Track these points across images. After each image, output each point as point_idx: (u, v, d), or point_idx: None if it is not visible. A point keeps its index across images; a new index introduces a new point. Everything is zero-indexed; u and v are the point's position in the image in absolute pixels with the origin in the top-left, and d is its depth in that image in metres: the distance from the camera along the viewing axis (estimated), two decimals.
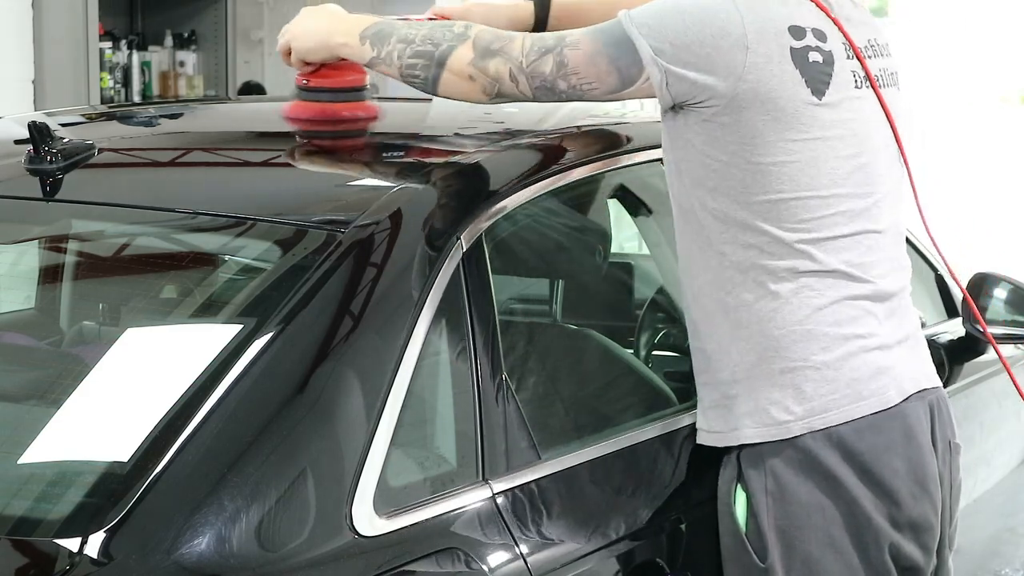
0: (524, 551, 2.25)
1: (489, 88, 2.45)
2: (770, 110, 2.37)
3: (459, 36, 2.46)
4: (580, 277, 2.94)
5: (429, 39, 2.47)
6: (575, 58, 2.40)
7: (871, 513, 2.42)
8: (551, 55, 2.41)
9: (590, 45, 2.40)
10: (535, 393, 2.51)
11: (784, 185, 2.38)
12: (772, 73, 2.37)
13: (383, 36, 2.51)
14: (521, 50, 2.43)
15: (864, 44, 2.50)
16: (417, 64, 2.47)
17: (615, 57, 2.38)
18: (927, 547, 2.50)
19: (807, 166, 2.39)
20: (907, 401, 2.46)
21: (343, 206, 2.44)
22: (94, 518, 1.97)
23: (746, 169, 2.38)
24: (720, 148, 2.39)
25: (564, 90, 2.42)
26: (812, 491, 2.41)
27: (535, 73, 2.42)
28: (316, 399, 2.13)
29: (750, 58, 2.36)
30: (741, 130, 2.37)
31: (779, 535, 2.42)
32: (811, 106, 2.39)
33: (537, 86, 2.43)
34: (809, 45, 2.40)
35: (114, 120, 3.25)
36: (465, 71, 2.45)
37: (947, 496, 2.53)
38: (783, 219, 2.39)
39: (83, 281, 2.60)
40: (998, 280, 3.47)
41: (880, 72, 2.51)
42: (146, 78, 7.21)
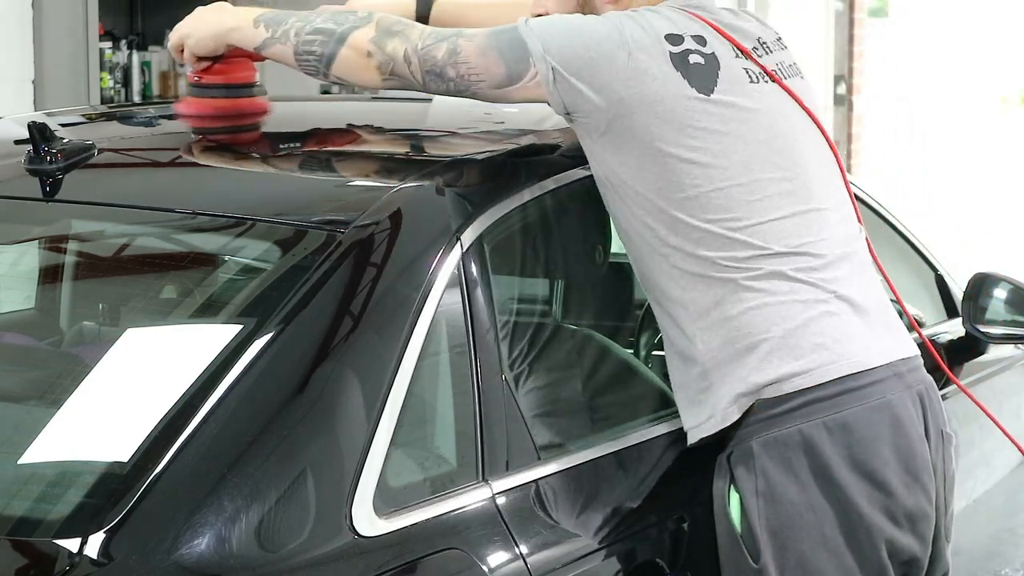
0: (524, 551, 2.25)
1: (384, 66, 2.50)
2: (659, 112, 2.43)
3: (363, 19, 2.53)
4: (580, 277, 2.94)
5: (332, 19, 2.54)
6: (467, 48, 2.47)
7: (864, 509, 2.43)
8: (445, 42, 2.48)
9: (484, 40, 2.48)
10: (535, 393, 2.51)
11: (698, 179, 2.44)
12: (653, 76, 2.44)
13: (279, 19, 2.59)
14: (420, 35, 2.50)
15: (753, 45, 2.57)
16: (315, 40, 2.53)
17: (505, 51, 2.46)
18: (924, 537, 2.50)
19: (716, 158, 2.45)
20: (894, 393, 2.47)
21: (343, 206, 2.44)
22: (94, 518, 1.97)
23: (657, 171, 2.44)
24: (627, 156, 2.45)
25: (452, 78, 2.48)
26: (803, 491, 2.42)
27: (427, 57, 2.48)
28: (316, 399, 2.13)
29: (631, 63, 2.43)
30: (638, 135, 2.44)
31: (771, 536, 2.42)
32: (700, 101, 2.45)
33: (427, 70, 2.49)
34: (688, 49, 2.48)
35: (114, 120, 3.25)
36: (364, 47, 2.50)
37: (941, 486, 2.53)
38: (709, 211, 2.44)
39: (83, 281, 2.60)
40: (998, 280, 3.47)
41: (777, 66, 2.58)
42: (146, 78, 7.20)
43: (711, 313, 2.45)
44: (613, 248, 2.89)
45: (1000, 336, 3.44)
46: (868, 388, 2.45)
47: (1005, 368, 3.72)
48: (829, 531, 2.42)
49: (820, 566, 2.43)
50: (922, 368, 2.56)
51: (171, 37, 2.75)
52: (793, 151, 2.52)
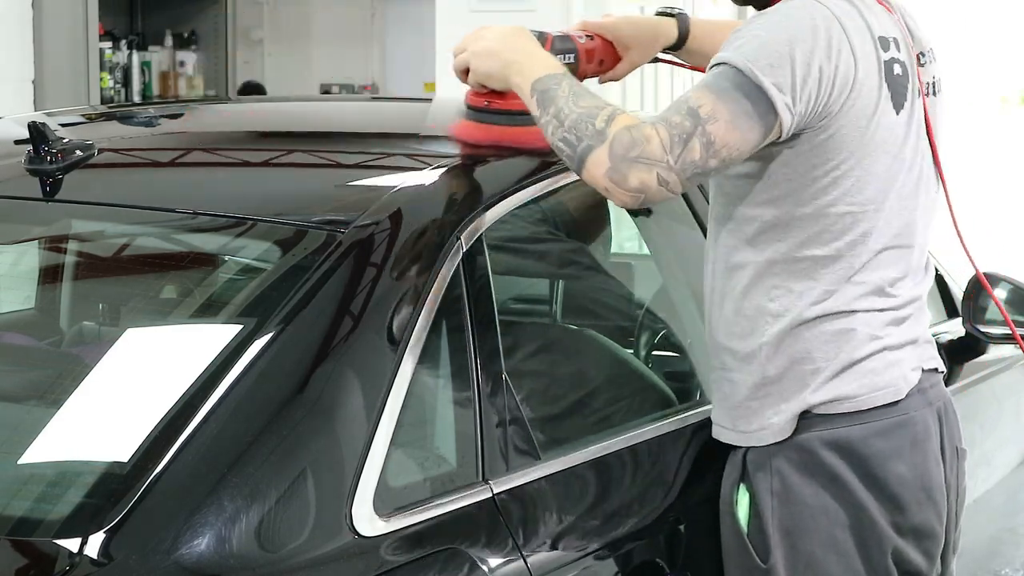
0: (524, 551, 2.25)
1: (632, 201, 2.30)
2: (862, 127, 2.36)
3: (598, 135, 2.29)
4: (580, 277, 2.94)
5: (574, 128, 2.31)
6: (718, 131, 2.27)
7: (875, 517, 2.43)
8: (695, 139, 2.27)
9: (725, 110, 2.28)
10: (535, 393, 2.51)
11: (855, 199, 2.38)
12: (870, 88, 2.36)
13: (546, 102, 2.36)
14: (663, 147, 2.27)
15: (920, 51, 2.50)
16: (564, 151, 2.35)
17: (751, 111, 2.28)
18: (930, 554, 2.50)
19: (881, 182, 2.40)
20: (916, 411, 2.46)
21: (343, 206, 2.44)
22: (94, 518, 1.97)
23: (822, 182, 2.38)
24: (801, 160, 2.37)
25: (715, 167, 2.30)
26: (817, 493, 2.42)
27: (686, 167, 2.27)
28: (316, 399, 2.13)
29: (858, 74, 2.34)
30: (830, 144, 2.36)
31: (783, 536, 2.42)
32: (893, 123, 2.39)
33: (689, 176, 2.29)
34: (894, 57, 2.40)
35: (114, 120, 3.25)
36: (601, 182, 2.30)
37: (953, 502, 2.53)
38: (846, 232, 2.40)
39: (83, 281, 2.60)
40: (998, 280, 3.47)
41: (932, 80, 2.51)
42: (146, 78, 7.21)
43: (790, 331, 2.42)
44: (613, 248, 2.89)
45: (1000, 336, 3.44)
46: (893, 404, 2.45)
47: (1005, 368, 3.72)
48: (840, 535, 2.42)
49: (829, 568, 2.42)
50: (942, 384, 2.56)
51: (454, 54, 2.53)
52: (917, 181, 2.48)
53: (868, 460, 2.42)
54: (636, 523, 2.46)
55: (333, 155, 2.78)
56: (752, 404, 2.46)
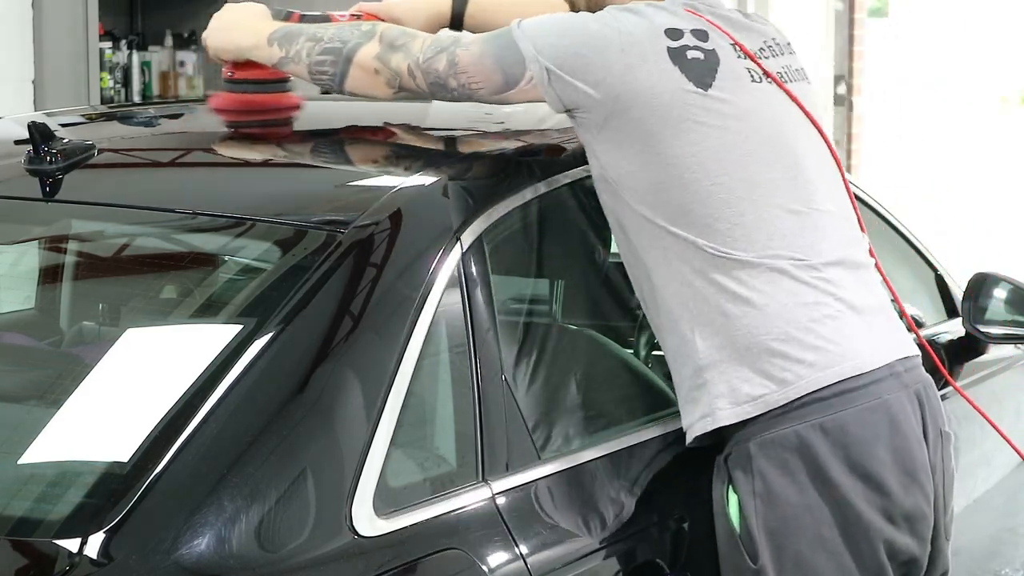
0: (524, 551, 2.25)
1: (392, 81, 2.56)
2: (655, 106, 2.43)
3: (367, 33, 2.57)
4: (580, 277, 2.94)
5: (337, 37, 2.58)
6: (464, 57, 2.51)
7: (861, 510, 2.43)
8: (444, 53, 2.52)
9: (479, 47, 2.51)
10: (535, 393, 2.51)
11: (696, 173, 2.44)
12: (649, 72, 2.44)
13: (291, 37, 2.62)
14: (420, 48, 2.54)
15: (760, 47, 2.58)
16: (326, 61, 2.58)
17: (500, 57, 2.49)
18: (923, 537, 2.50)
19: (715, 153, 2.45)
20: (891, 394, 2.46)
21: (343, 206, 2.44)
22: (94, 518, 1.97)
23: (656, 168, 2.44)
24: (627, 151, 2.45)
25: (455, 88, 2.53)
26: (800, 491, 2.42)
27: (429, 70, 2.53)
28: (316, 399, 2.13)
29: (625, 59, 2.44)
30: (635, 131, 2.44)
31: (769, 536, 2.42)
32: (697, 95, 2.45)
33: (431, 82, 2.53)
34: (687, 44, 2.48)
35: (114, 120, 3.25)
36: (371, 65, 2.55)
37: (940, 485, 2.53)
38: (708, 206, 2.44)
39: (83, 281, 2.60)
40: (998, 280, 3.47)
41: (783, 69, 2.59)
42: (146, 78, 7.20)
43: (710, 311, 2.45)
44: (613, 248, 2.89)
45: (1000, 336, 3.44)
46: (865, 389, 2.45)
47: (1005, 368, 3.72)
48: (827, 532, 2.42)
49: (818, 566, 2.43)
50: (920, 367, 2.56)
51: (203, 36, 2.80)
52: (794, 153, 2.52)
53: (848, 448, 2.42)
54: (636, 523, 2.46)
55: (333, 155, 2.78)
56: (696, 394, 2.47)
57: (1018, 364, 3.80)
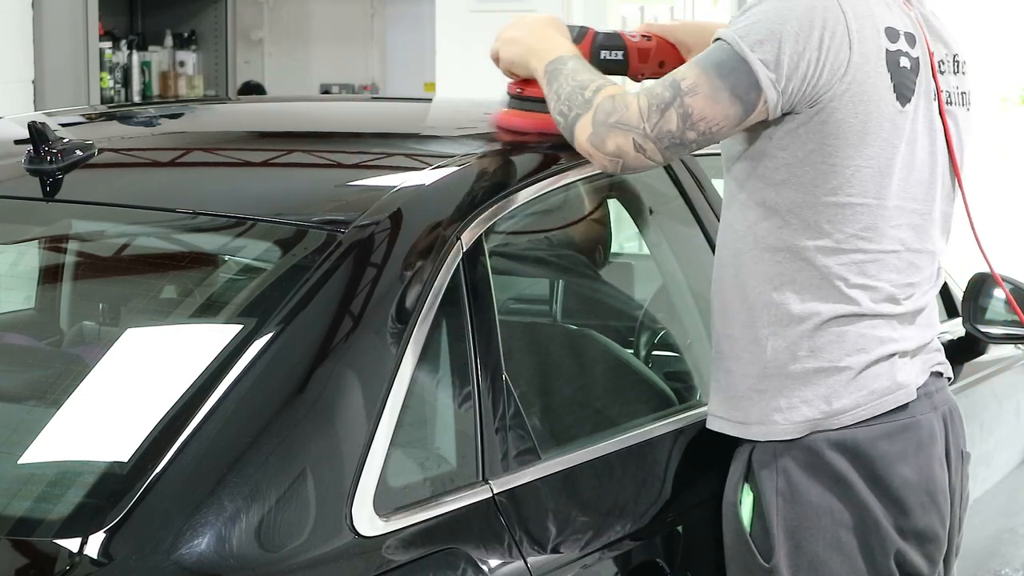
0: (524, 551, 2.25)
1: (613, 165, 2.37)
2: (859, 112, 2.35)
3: (585, 104, 2.37)
4: (580, 277, 2.94)
5: (568, 100, 2.40)
6: (697, 104, 2.31)
7: (879, 519, 2.43)
8: (672, 110, 2.32)
9: (708, 84, 2.31)
10: (535, 393, 2.51)
11: (854, 189, 2.38)
12: (868, 74, 2.35)
13: (552, 78, 2.44)
14: (640, 115, 2.33)
15: (941, 58, 2.49)
16: (560, 123, 2.43)
17: (734, 86, 2.31)
18: (932, 558, 2.50)
19: (879, 174, 2.39)
20: (923, 415, 2.47)
21: (343, 206, 2.44)
22: (94, 518, 1.97)
23: (820, 168, 2.38)
24: (798, 144, 2.38)
25: (695, 139, 2.33)
26: (822, 493, 2.42)
27: (662, 135, 2.32)
28: (316, 399, 2.13)
29: (853, 57, 2.34)
30: (826, 129, 2.36)
31: (788, 535, 2.42)
32: (895, 112, 2.38)
33: (666, 146, 2.34)
34: (901, 49, 2.40)
35: (114, 120, 3.25)
36: (584, 147, 2.39)
37: (957, 506, 2.54)
38: (845, 223, 2.39)
39: (83, 281, 2.60)
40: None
41: (952, 90, 2.50)
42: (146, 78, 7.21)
43: (795, 323, 2.42)
44: (613, 248, 2.89)
45: (1000, 336, 3.44)
46: (899, 409, 2.45)
47: (1005, 368, 3.72)
48: (844, 536, 2.42)
49: (833, 568, 2.42)
50: (948, 389, 2.56)
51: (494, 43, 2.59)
52: (934, 186, 2.47)
53: (874, 462, 2.42)
54: (636, 523, 2.46)
55: (333, 155, 2.78)
56: (752, 396, 2.46)
57: (1018, 364, 3.80)
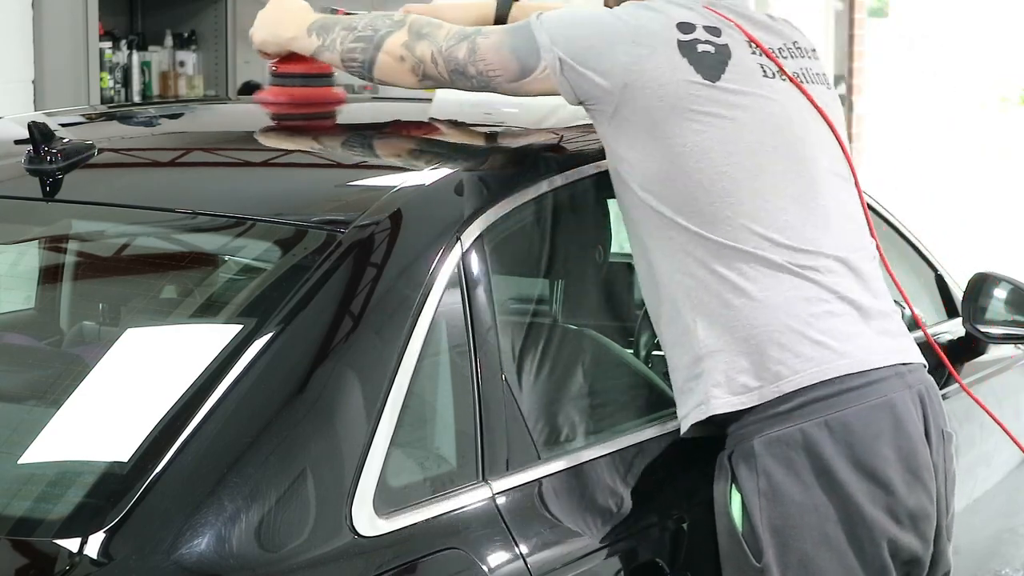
0: (524, 551, 2.25)
1: (416, 69, 2.62)
2: (662, 96, 2.47)
3: (397, 23, 2.64)
4: (580, 277, 2.93)
5: (370, 26, 2.65)
6: (484, 45, 2.58)
7: (866, 509, 2.43)
8: (466, 41, 2.59)
9: (499, 36, 2.58)
10: (535, 393, 2.51)
11: (701, 163, 2.46)
12: (657, 63, 2.48)
13: (328, 26, 2.70)
14: (445, 36, 2.61)
15: (780, 46, 2.61)
16: (357, 48, 2.65)
17: (517, 46, 2.55)
18: (925, 536, 2.50)
19: (720, 144, 2.47)
20: (895, 392, 2.47)
21: (343, 206, 2.44)
22: (94, 518, 1.97)
23: (662, 157, 2.47)
24: (635, 140, 2.48)
25: (474, 75, 2.59)
26: (805, 490, 2.42)
27: (450, 57, 2.59)
28: (316, 399, 2.13)
29: (635, 50, 2.48)
30: (643, 120, 2.47)
31: (773, 535, 2.42)
32: (704, 87, 2.48)
33: (452, 69, 2.60)
34: (698, 39, 2.52)
35: (114, 120, 3.25)
36: (398, 52, 2.62)
37: (942, 485, 2.54)
38: (713, 195, 2.46)
39: (83, 281, 2.60)
40: (998, 280, 3.47)
41: (801, 70, 2.61)
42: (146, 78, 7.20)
43: (712, 300, 2.46)
44: (613, 248, 2.89)
45: (1000, 336, 3.44)
46: (869, 387, 2.45)
47: (1005, 368, 3.72)
48: (831, 530, 2.42)
49: (823, 565, 2.43)
50: (923, 370, 2.56)
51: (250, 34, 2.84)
52: (804, 150, 2.54)
53: (852, 446, 2.42)
54: (636, 523, 2.46)
55: (333, 155, 2.78)
56: (691, 384, 2.48)
57: (1018, 364, 3.80)
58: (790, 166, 2.51)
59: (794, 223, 2.48)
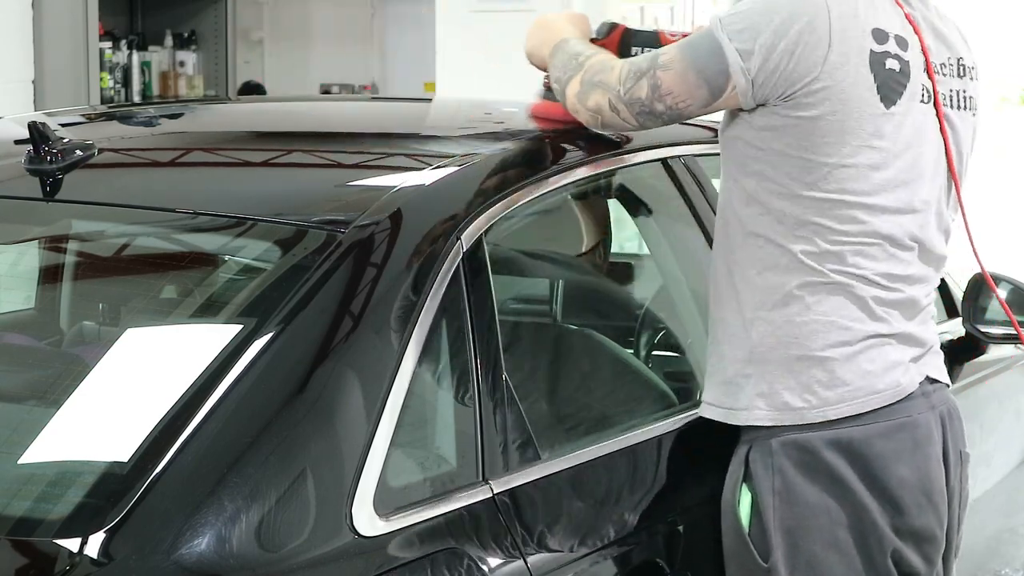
0: (524, 551, 2.25)
1: (593, 120, 2.52)
2: (838, 111, 2.38)
3: (578, 67, 2.54)
4: (580, 277, 2.94)
5: (564, 67, 2.56)
6: (667, 79, 2.43)
7: (876, 518, 2.43)
8: (645, 79, 2.45)
9: (681, 62, 2.43)
10: (535, 393, 2.51)
11: (831, 186, 2.40)
12: (847, 74, 2.38)
13: (554, 55, 2.61)
14: (618, 79, 2.47)
15: (942, 61, 2.51)
16: (556, 89, 2.59)
17: (703, 69, 2.41)
18: (929, 558, 2.50)
19: (860, 173, 2.40)
20: (919, 414, 2.47)
21: (343, 206, 2.44)
22: (94, 518, 1.97)
23: (798, 163, 2.40)
24: (774, 138, 2.41)
25: (663, 112, 2.46)
26: (819, 493, 2.42)
27: (632, 101, 2.46)
28: (316, 399, 2.13)
29: (831, 56, 2.37)
30: (802, 126, 2.39)
31: (784, 535, 2.42)
32: (877, 116, 2.40)
33: (637, 112, 2.47)
34: (888, 51, 2.42)
35: (114, 120, 3.25)
36: (573, 104, 2.54)
37: (956, 506, 2.54)
38: (823, 216, 2.41)
39: (83, 281, 2.60)
40: (998, 280, 3.47)
41: (953, 93, 2.52)
42: (146, 78, 7.21)
43: (778, 308, 2.44)
44: (613, 248, 2.90)
45: (1000, 336, 3.44)
46: (894, 406, 2.45)
47: (1005, 368, 3.72)
48: (842, 535, 2.42)
49: (830, 568, 2.43)
50: (946, 390, 2.56)
51: None
52: (921, 187, 2.47)
53: (870, 461, 2.42)
54: (636, 523, 2.46)
55: (333, 155, 2.78)
56: (739, 381, 2.47)
57: (1018, 364, 3.80)
58: (903, 205, 2.45)
59: (880, 259, 2.45)
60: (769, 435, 2.44)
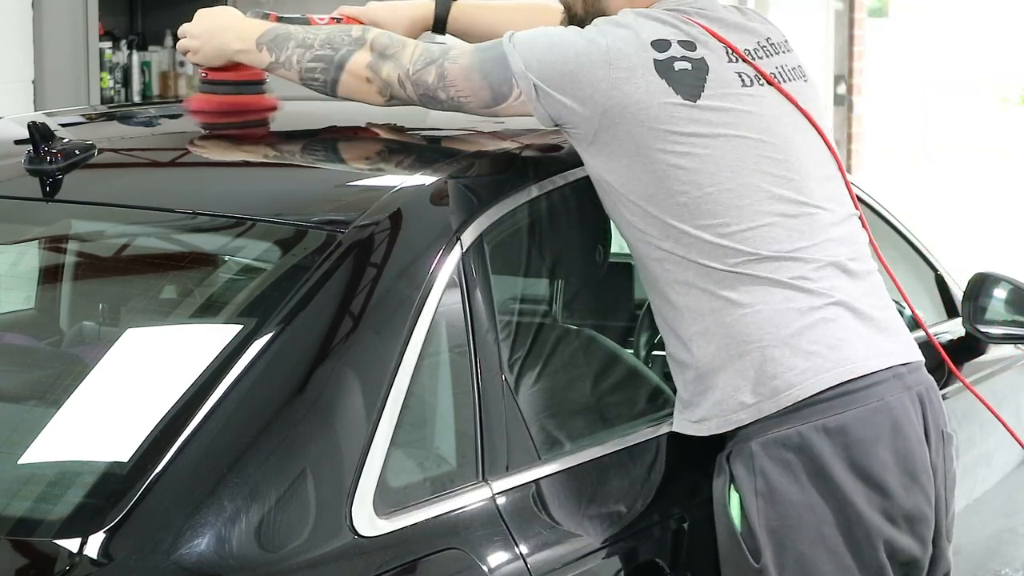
0: (524, 551, 2.25)
1: (383, 90, 2.58)
2: (643, 120, 2.44)
3: (357, 40, 2.59)
4: (580, 277, 2.94)
5: (328, 43, 2.60)
6: (453, 71, 2.52)
7: (862, 509, 2.43)
8: (434, 66, 2.54)
9: (468, 60, 2.52)
10: (535, 393, 2.51)
11: (685, 185, 2.44)
12: (636, 85, 2.44)
13: (280, 42, 2.63)
14: (410, 58, 2.56)
15: (753, 47, 2.57)
16: (317, 68, 2.60)
17: (488, 72, 2.50)
18: (923, 538, 2.50)
19: (703, 163, 2.44)
20: (893, 395, 2.47)
21: (343, 206, 2.44)
22: (94, 518, 1.97)
23: (646, 179, 2.45)
24: (616, 164, 2.46)
25: (444, 100, 2.55)
26: (802, 491, 2.42)
27: (419, 81, 2.55)
28: (316, 399, 2.13)
29: (612, 74, 2.44)
30: (624, 143, 2.44)
31: (771, 535, 2.42)
32: (685, 107, 2.45)
33: (421, 93, 2.56)
34: (674, 56, 2.48)
35: (114, 120, 3.25)
36: (363, 73, 2.58)
37: (941, 486, 2.53)
38: (698, 217, 2.44)
39: (83, 281, 2.60)
40: (998, 280, 3.47)
41: (778, 69, 2.58)
42: (146, 78, 7.20)
43: (706, 319, 2.45)
44: (613, 248, 2.89)
45: (1000, 336, 3.44)
46: (867, 390, 2.45)
47: (1005, 368, 3.72)
48: (828, 531, 2.43)
49: (819, 566, 2.43)
50: (923, 370, 2.56)
51: (179, 44, 2.77)
52: (788, 155, 2.51)
53: (850, 449, 2.42)
54: (636, 523, 2.46)
55: (333, 155, 2.78)
56: (696, 399, 2.48)
57: (1018, 364, 3.80)
58: (776, 178, 2.48)
59: (781, 236, 2.46)
60: (747, 437, 2.45)
